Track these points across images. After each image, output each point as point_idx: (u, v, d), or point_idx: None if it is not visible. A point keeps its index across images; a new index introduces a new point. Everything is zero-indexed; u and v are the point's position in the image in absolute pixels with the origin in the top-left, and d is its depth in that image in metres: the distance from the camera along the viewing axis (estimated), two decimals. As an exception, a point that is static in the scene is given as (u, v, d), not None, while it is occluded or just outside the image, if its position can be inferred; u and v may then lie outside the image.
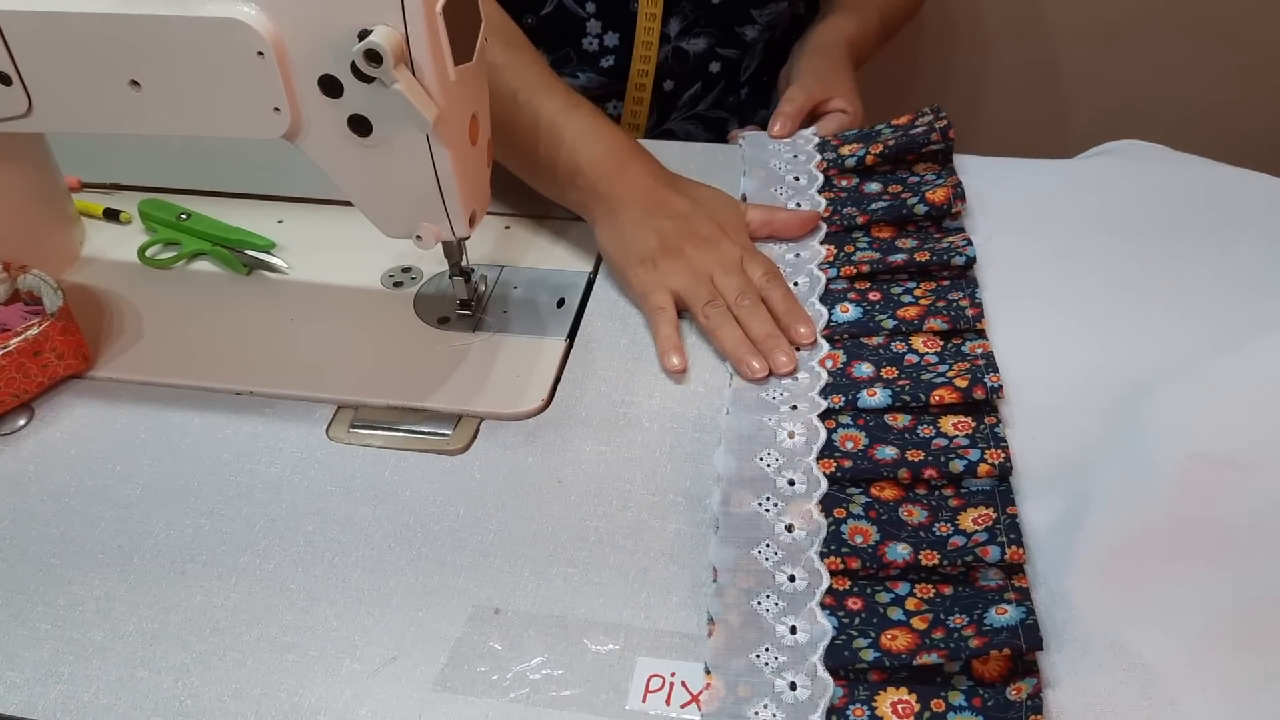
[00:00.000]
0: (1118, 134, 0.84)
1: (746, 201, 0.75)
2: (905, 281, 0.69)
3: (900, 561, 0.52)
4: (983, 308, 0.65)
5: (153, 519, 0.58)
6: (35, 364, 0.63)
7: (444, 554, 0.56)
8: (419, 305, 0.70)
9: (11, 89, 0.59)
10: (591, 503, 0.58)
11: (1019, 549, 0.52)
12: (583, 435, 0.62)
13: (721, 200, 0.73)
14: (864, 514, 0.55)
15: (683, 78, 0.95)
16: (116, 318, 0.70)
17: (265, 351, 0.67)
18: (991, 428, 0.59)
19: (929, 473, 0.56)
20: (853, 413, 0.61)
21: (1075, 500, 0.55)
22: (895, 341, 0.65)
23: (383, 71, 0.53)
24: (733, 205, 0.73)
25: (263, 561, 0.56)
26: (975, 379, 0.60)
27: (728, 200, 0.73)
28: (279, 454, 0.61)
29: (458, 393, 0.64)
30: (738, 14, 0.93)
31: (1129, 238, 0.72)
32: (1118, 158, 0.79)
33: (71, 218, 0.76)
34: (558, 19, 0.91)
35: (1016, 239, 0.72)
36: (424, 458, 0.61)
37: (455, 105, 0.57)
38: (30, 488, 0.60)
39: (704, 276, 0.67)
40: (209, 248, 0.74)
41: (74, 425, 0.64)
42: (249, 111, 0.57)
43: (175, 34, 0.55)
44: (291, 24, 0.54)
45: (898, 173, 0.78)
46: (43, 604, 0.54)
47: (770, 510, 0.56)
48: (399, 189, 0.60)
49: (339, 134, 0.58)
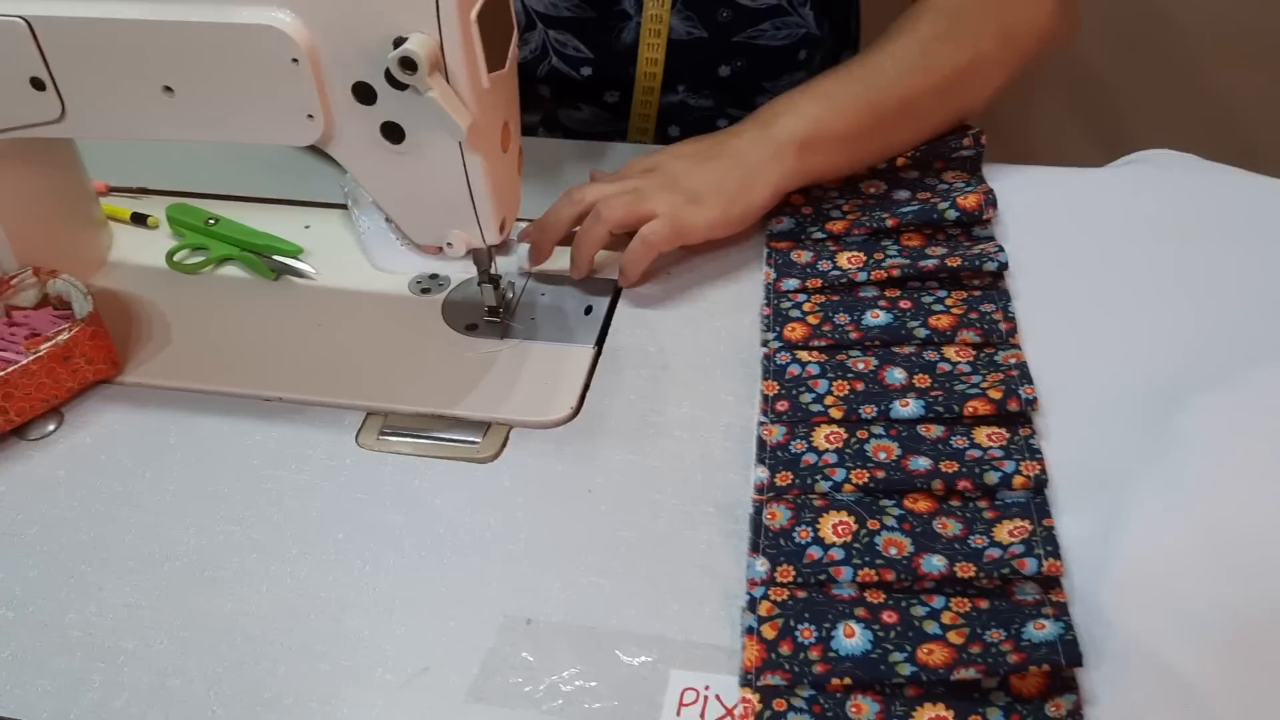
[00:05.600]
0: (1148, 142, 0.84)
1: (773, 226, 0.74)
2: (936, 290, 0.68)
3: (936, 574, 0.52)
4: (1015, 321, 0.65)
5: (182, 525, 0.58)
6: (65, 369, 0.63)
7: (474, 563, 0.55)
8: (447, 312, 0.70)
9: (45, 94, 0.59)
10: (622, 512, 0.58)
11: (1056, 561, 0.52)
12: (612, 444, 0.61)
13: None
14: (898, 526, 0.55)
15: (688, 126, 0.92)
16: (145, 323, 0.70)
17: (293, 357, 0.67)
18: (1026, 439, 0.58)
19: (963, 484, 0.56)
20: (885, 423, 0.60)
21: (1110, 512, 0.55)
22: (927, 350, 0.64)
23: (417, 79, 0.53)
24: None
25: (293, 569, 0.55)
26: (1009, 390, 0.59)
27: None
28: (308, 461, 0.61)
29: (486, 400, 0.64)
30: (749, 87, 0.89)
31: (1160, 247, 0.71)
32: (1148, 166, 0.78)
33: (99, 222, 0.76)
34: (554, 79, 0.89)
35: (1047, 248, 0.71)
36: (453, 465, 0.61)
37: (488, 113, 0.57)
38: (60, 493, 0.60)
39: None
40: (237, 253, 0.74)
41: (103, 430, 0.64)
42: (282, 118, 0.57)
43: (209, 40, 0.55)
44: (326, 31, 0.54)
45: (926, 179, 0.77)
46: (73, 611, 0.54)
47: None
48: (430, 196, 0.60)
49: (371, 141, 0.58)
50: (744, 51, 0.86)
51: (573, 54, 0.87)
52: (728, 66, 0.87)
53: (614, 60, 0.87)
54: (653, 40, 0.84)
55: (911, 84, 0.72)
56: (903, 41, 0.73)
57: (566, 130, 0.94)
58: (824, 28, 0.87)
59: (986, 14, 0.73)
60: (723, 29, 0.84)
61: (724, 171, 0.71)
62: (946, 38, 0.72)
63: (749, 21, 0.84)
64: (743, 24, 0.84)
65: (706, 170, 0.71)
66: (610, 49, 0.86)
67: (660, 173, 0.72)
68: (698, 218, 0.69)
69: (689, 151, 0.73)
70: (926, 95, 0.72)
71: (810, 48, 0.87)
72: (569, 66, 0.87)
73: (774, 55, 0.86)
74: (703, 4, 0.83)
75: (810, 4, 0.85)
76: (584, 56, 0.87)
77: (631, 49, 0.85)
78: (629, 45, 0.86)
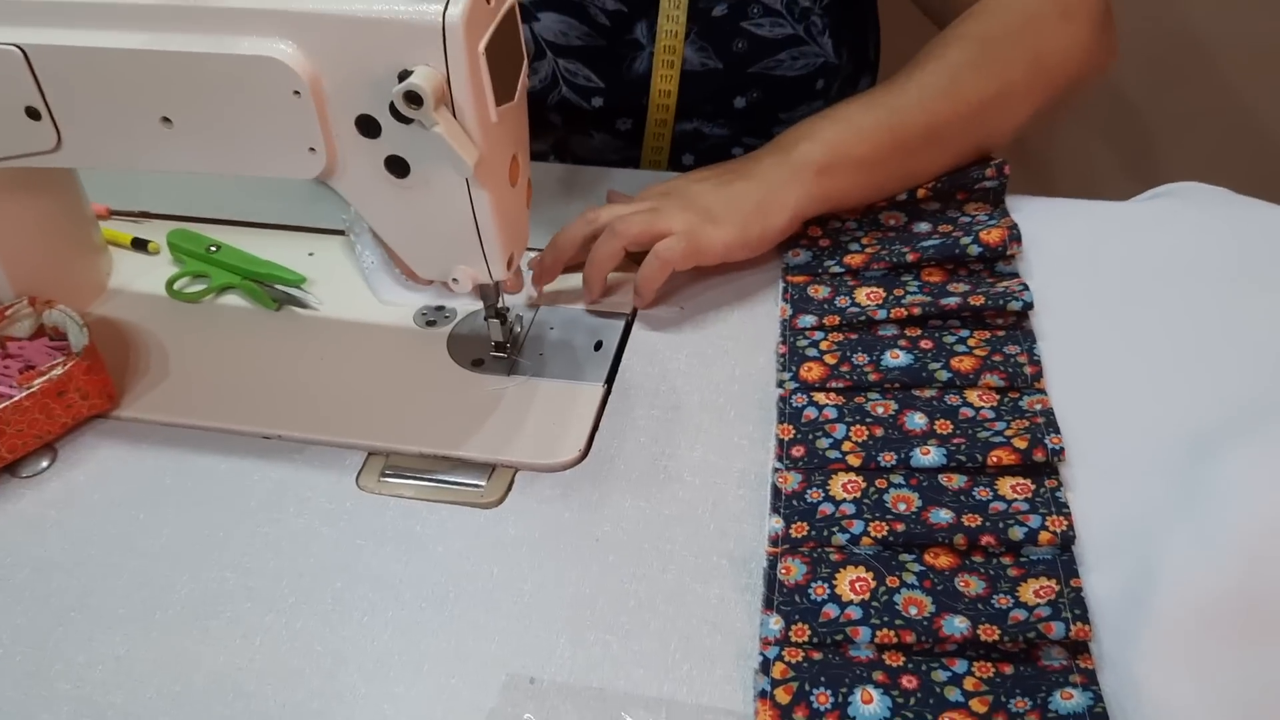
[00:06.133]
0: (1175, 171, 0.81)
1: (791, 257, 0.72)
2: (958, 330, 0.66)
3: (958, 636, 0.50)
4: (1041, 365, 0.62)
5: (176, 571, 0.56)
6: (59, 404, 0.61)
7: (477, 616, 0.53)
8: (452, 346, 0.68)
9: (40, 124, 0.57)
10: (631, 563, 0.55)
11: (1084, 625, 0.49)
12: (621, 489, 0.59)
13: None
14: (918, 583, 0.53)
15: (703, 154, 0.90)
16: (143, 354, 0.68)
17: (294, 393, 0.65)
18: (1052, 491, 0.56)
19: (986, 539, 0.54)
20: (905, 471, 0.58)
21: (1141, 572, 0.53)
22: (949, 394, 0.62)
23: (423, 114, 0.51)
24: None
25: (289, 620, 0.53)
26: (1035, 440, 0.57)
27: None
28: (307, 503, 0.59)
29: (492, 441, 0.62)
30: (765, 117, 0.87)
31: (1190, 286, 0.69)
32: (1177, 200, 0.76)
33: (99, 247, 0.74)
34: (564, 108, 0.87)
35: (1072, 285, 0.69)
36: (457, 510, 0.59)
37: (496, 147, 0.55)
38: (51, 534, 0.58)
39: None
40: (238, 281, 0.72)
41: (98, 468, 0.62)
42: (283, 151, 0.56)
43: (209, 71, 0.53)
44: (330, 63, 0.52)
45: (948, 212, 0.75)
46: (61, 661, 0.52)
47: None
48: (436, 230, 0.58)
49: (375, 174, 0.56)
50: (760, 82, 0.84)
51: (583, 84, 0.85)
52: (743, 98, 0.85)
53: (626, 90, 0.85)
54: (666, 71, 0.82)
55: (936, 110, 0.69)
56: (930, 67, 0.71)
57: (578, 158, 0.92)
58: (842, 56, 0.85)
59: (1018, 43, 0.71)
60: (738, 60, 0.82)
61: (742, 193, 0.69)
62: (976, 65, 0.70)
63: (765, 52, 0.82)
64: (759, 55, 0.82)
65: (724, 192, 0.69)
66: (622, 79, 0.84)
67: (678, 194, 0.70)
68: (715, 237, 0.67)
69: (707, 175, 0.72)
70: (951, 123, 0.70)
71: (828, 77, 0.85)
72: (579, 97, 0.85)
73: (791, 86, 0.84)
74: (718, 34, 0.81)
75: (829, 32, 0.83)
76: (595, 86, 0.85)
77: (644, 79, 0.83)
78: (641, 75, 0.84)
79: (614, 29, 0.82)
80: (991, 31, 0.71)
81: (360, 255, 0.73)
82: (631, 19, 0.82)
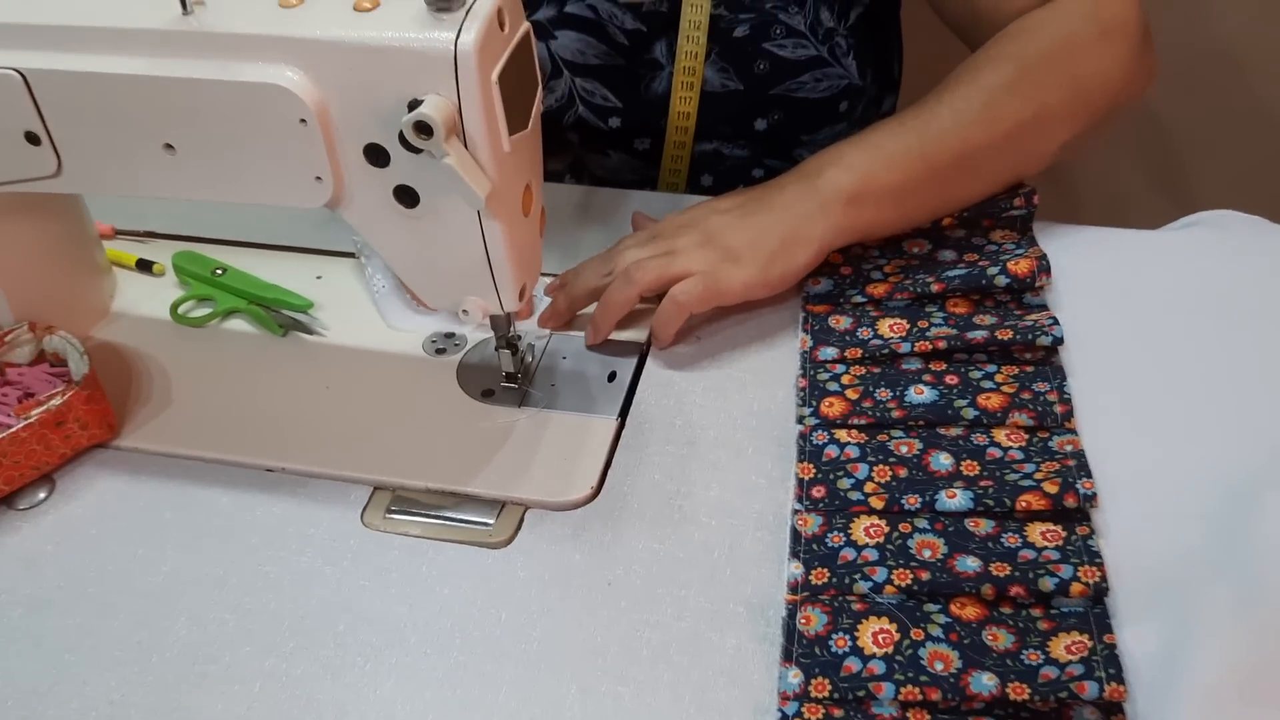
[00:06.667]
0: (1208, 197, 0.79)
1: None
2: (984, 365, 0.64)
3: (986, 695, 0.48)
4: (1071, 403, 0.60)
5: (175, 612, 0.54)
6: (58, 435, 0.60)
7: (484, 664, 0.51)
8: (462, 376, 0.66)
9: (40, 149, 0.56)
10: (644, 609, 0.53)
11: (1119, 686, 0.47)
12: (634, 530, 0.57)
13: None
14: (944, 636, 0.50)
15: (722, 175, 0.88)
16: (145, 380, 0.67)
17: (299, 423, 0.63)
18: (1084, 539, 0.54)
19: (1015, 590, 0.51)
20: (930, 515, 0.56)
21: (1177, 627, 0.50)
22: (976, 433, 0.60)
23: (433, 144, 0.49)
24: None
25: (289, 666, 0.52)
26: (1066, 484, 0.55)
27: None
28: (310, 540, 0.57)
29: (501, 477, 0.60)
30: (787, 139, 0.85)
31: (1225, 320, 0.66)
32: (1211, 229, 0.73)
33: (103, 268, 0.73)
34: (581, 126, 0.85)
35: (1103, 319, 0.67)
36: (464, 550, 0.57)
37: (508, 177, 0.53)
38: (48, 570, 0.57)
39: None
40: (244, 305, 0.71)
41: (96, 500, 0.60)
42: (288, 180, 0.54)
43: (213, 98, 0.52)
44: (337, 90, 0.51)
45: (973, 239, 0.73)
46: (55, 706, 0.51)
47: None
48: (446, 261, 0.57)
49: (384, 204, 0.54)
50: (782, 104, 0.82)
51: (600, 103, 0.83)
52: (764, 120, 0.82)
53: (644, 111, 0.83)
54: (685, 94, 0.80)
55: (970, 137, 0.67)
56: (963, 91, 0.68)
57: (595, 177, 0.90)
58: (866, 77, 0.83)
59: (1055, 65, 0.68)
60: (759, 81, 0.80)
61: (765, 228, 0.66)
62: (1011, 89, 0.67)
63: (788, 74, 0.80)
64: (781, 76, 0.80)
65: (746, 226, 0.66)
66: (640, 99, 0.82)
67: (697, 228, 0.67)
68: (734, 278, 0.65)
69: (729, 206, 0.69)
70: (986, 149, 0.67)
71: (852, 99, 0.83)
72: (597, 117, 0.83)
73: (813, 108, 0.82)
74: (739, 55, 0.79)
75: (853, 53, 0.80)
76: (612, 106, 0.83)
77: (663, 99, 0.81)
78: (660, 96, 0.82)
79: (633, 48, 0.80)
80: (1027, 53, 0.68)
81: (371, 279, 0.72)
82: (651, 38, 0.80)
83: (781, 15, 0.77)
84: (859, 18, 0.80)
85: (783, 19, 0.78)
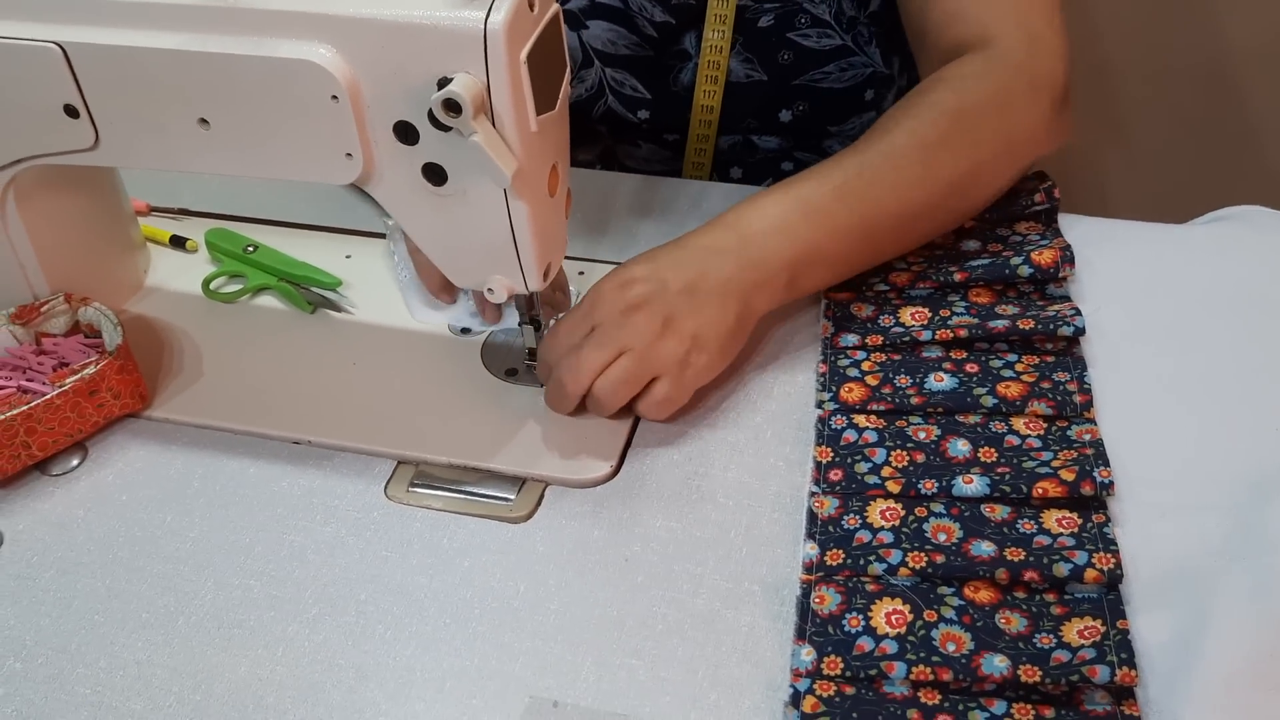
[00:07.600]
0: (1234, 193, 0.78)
1: None
2: (1005, 354, 0.64)
3: (997, 676, 0.48)
4: (1091, 393, 0.60)
5: (201, 577, 0.56)
6: (91, 403, 0.61)
7: (502, 634, 0.52)
8: (486, 355, 0.67)
9: (79, 122, 0.57)
10: (660, 586, 0.54)
11: (1131, 670, 0.47)
12: (652, 509, 0.58)
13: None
14: (957, 618, 0.51)
15: (752, 168, 0.87)
16: (176, 354, 0.68)
17: (325, 398, 0.65)
18: (1100, 527, 0.54)
19: (1029, 575, 0.52)
20: (946, 500, 0.56)
21: (1193, 616, 0.50)
22: (994, 420, 0.60)
23: (461, 122, 0.50)
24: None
25: (311, 632, 0.53)
26: (1083, 472, 0.55)
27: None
28: (334, 512, 0.59)
29: (523, 454, 0.60)
30: (814, 130, 0.84)
31: (1248, 315, 0.66)
32: (1237, 225, 0.73)
33: (137, 244, 0.74)
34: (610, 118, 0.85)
35: (1125, 311, 0.67)
36: (485, 524, 0.58)
37: (535, 157, 0.54)
38: (79, 534, 0.58)
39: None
40: (274, 283, 0.72)
41: (127, 469, 0.61)
42: (319, 156, 0.55)
43: (247, 74, 0.53)
44: (368, 68, 0.52)
45: (998, 230, 0.73)
46: (83, 665, 0.52)
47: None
48: (472, 240, 0.57)
49: (412, 181, 0.55)
50: (807, 95, 0.82)
51: (630, 94, 0.83)
52: (789, 111, 0.83)
53: (672, 102, 0.83)
54: (709, 87, 0.80)
55: (909, 198, 0.66)
56: (902, 144, 0.66)
57: (625, 168, 0.90)
58: (893, 65, 0.83)
59: (988, 118, 0.67)
60: (784, 72, 0.80)
61: (719, 310, 0.61)
62: (948, 143, 0.66)
63: (813, 64, 0.80)
64: (806, 66, 0.80)
65: (700, 305, 0.61)
66: (668, 91, 0.83)
67: (653, 307, 0.61)
68: (703, 371, 0.62)
69: (675, 277, 0.62)
70: (923, 211, 0.67)
71: (878, 87, 0.83)
72: (626, 108, 0.84)
73: (839, 98, 0.82)
74: (763, 45, 0.79)
75: (876, 41, 0.80)
76: (642, 98, 0.83)
77: (689, 91, 0.82)
78: (687, 87, 0.82)
79: (661, 40, 0.81)
80: (964, 104, 0.67)
81: (397, 267, 0.73)
82: (680, 30, 0.80)
83: (807, 4, 0.78)
84: (879, 4, 0.80)
85: (808, 8, 0.78)
